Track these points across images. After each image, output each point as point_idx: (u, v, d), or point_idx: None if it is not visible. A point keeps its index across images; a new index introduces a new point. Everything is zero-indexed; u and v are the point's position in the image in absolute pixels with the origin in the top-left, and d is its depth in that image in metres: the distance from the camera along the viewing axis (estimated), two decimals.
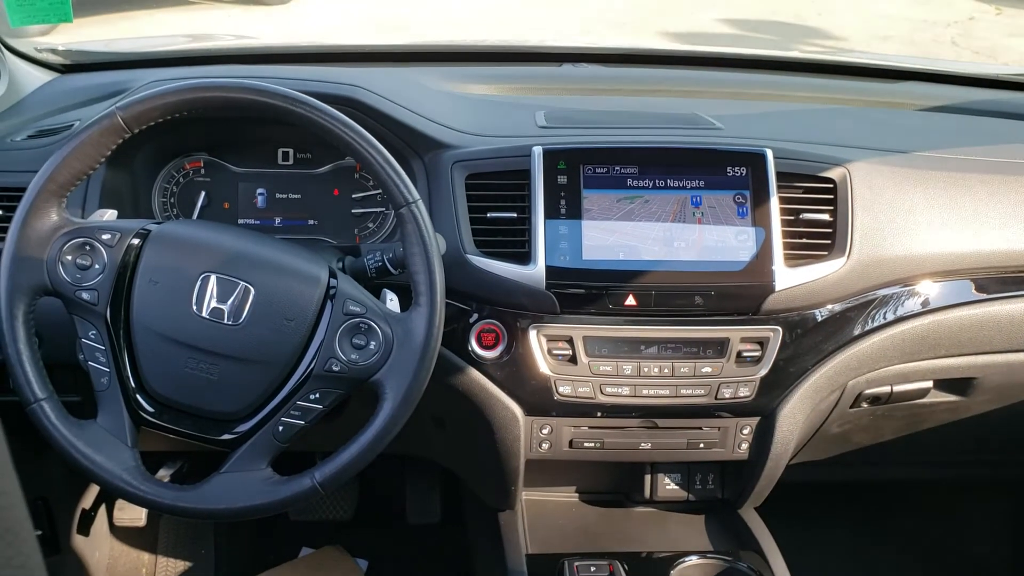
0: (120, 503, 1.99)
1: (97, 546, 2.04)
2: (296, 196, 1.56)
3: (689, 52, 2.31)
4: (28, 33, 1.95)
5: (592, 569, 1.46)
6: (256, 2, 7.87)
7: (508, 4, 8.31)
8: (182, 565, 2.13)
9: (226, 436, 1.18)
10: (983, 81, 2.04)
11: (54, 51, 1.83)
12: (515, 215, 1.38)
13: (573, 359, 1.40)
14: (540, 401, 1.43)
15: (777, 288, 1.36)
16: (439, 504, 2.20)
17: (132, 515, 1.97)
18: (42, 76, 1.77)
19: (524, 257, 1.36)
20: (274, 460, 1.18)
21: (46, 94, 1.72)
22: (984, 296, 1.50)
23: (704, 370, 1.41)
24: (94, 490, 1.97)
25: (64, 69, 1.82)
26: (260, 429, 1.17)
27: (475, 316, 1.40)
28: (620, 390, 1.41)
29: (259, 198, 1.56)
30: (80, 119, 1.51)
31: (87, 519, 1.94)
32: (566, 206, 1.36)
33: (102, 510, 2.02)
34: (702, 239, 1.37)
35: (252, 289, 1.16)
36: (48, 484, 1.81)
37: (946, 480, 2.13)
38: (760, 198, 1.37)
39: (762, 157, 1.39)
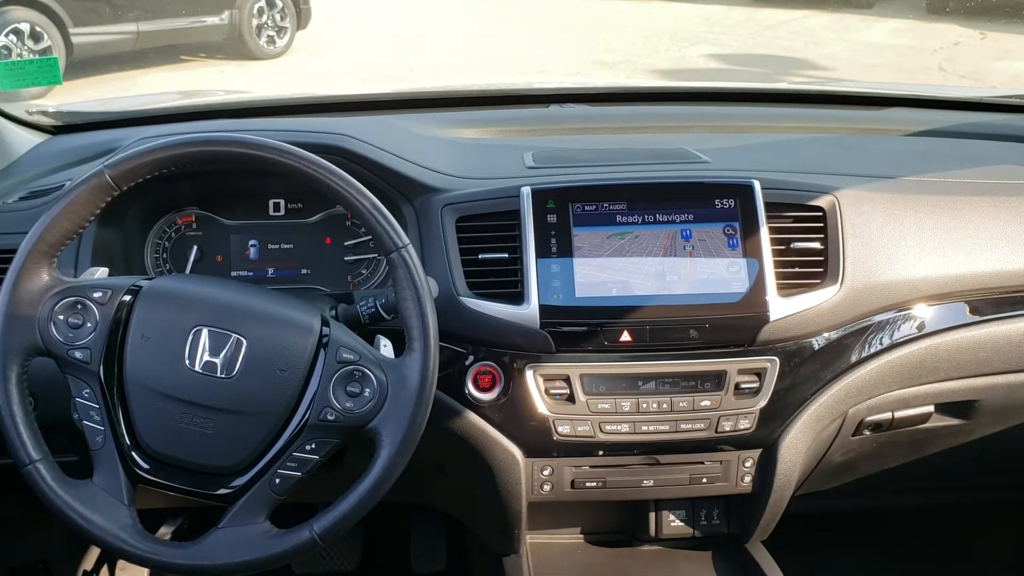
0: (122, 564, 1.97)
1: None
2: (288, 246, 1.56)
3: (674, 88, 2.33)
4: (20, 96, 1.96)
5: None
6: (248, 56, 7.99)
7: (495, 51, 8.42)
8: None
9: (222, 491, 1.16)
10: (966, 104, 2.06)
11: (45, 113, 1.84)
12: (507, 255, 1.38)
13: (571, 398, 1.40)
14: (540, 442, 1.42)
15: (772, 318, 1.36)
16: (444, 551, 2.17)
17: None
18: (33, 138, 1.78)
19: (517, 297, 1.36)
20: (272, 513, 1.17)
21: (38, 156, 1.72)
22: (980, 318, 1.49)
23: (703, 403, 1.40)
24: (95, 552, 1.95)
25: (55, 130, 1.83)
26: (257, 482, 1.15)
27: (471, 358, 1.40)
28: (620, 427, 1.40)
29: (252, 250, 1.56)
30: (71, 179, 1.52)
31: None
32: (557, 245, 1.37)
33: (104, 571, 1.99)
34: (694, 272, 1.37)
35: (244, 341, 1.15)
36: (49, 547, 1.79)
37: (953, 505, 2.11)
38: (750, 229, 1.38)
39: (750, 188, 1.39)
